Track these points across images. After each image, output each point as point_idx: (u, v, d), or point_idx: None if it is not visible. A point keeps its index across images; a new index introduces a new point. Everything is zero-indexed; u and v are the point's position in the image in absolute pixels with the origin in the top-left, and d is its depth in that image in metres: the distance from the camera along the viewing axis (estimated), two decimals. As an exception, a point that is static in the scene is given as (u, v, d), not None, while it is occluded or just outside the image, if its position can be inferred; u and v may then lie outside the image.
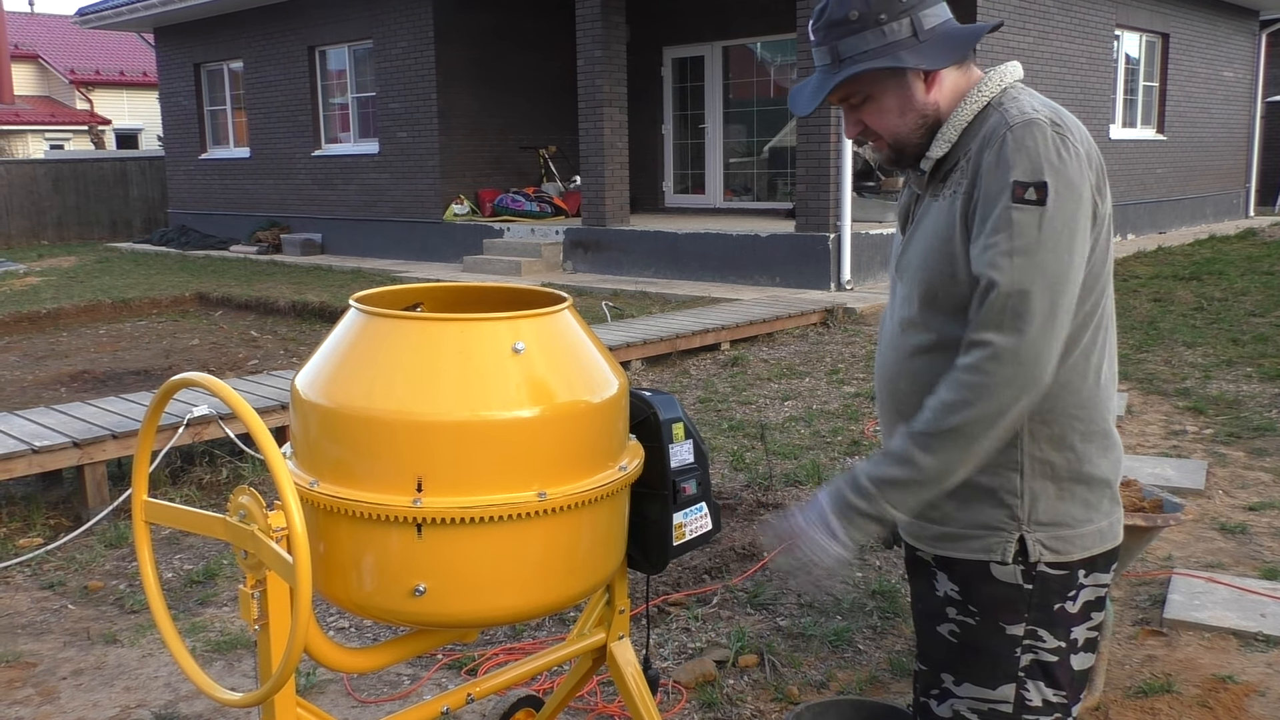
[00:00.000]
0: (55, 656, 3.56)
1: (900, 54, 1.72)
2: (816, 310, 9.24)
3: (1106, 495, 1.79)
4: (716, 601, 3.80)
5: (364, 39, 14.95)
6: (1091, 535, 1.77)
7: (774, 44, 14.19)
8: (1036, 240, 1.61)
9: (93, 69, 32.08)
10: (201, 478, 5.27)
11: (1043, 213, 1.61)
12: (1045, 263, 1.61)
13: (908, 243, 1.85)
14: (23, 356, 9.25)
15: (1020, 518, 1.74)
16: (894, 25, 1.71)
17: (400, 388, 1.81)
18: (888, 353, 1.88)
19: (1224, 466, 5.20)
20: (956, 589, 1.81)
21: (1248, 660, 3.29)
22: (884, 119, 1.79)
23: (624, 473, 1.99)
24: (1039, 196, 1.62)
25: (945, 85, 1.77)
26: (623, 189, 12.49)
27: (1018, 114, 1.68)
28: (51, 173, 20.10)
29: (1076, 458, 1.75)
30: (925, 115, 1.77)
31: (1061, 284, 1.62)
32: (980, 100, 1.75)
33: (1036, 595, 1.75)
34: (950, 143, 1.76)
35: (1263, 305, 9.51)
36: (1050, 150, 1.63)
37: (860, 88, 1.78)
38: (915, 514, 1.82)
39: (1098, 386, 1.76)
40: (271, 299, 11.36)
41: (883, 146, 1.83)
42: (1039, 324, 1.61)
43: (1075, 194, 1.64)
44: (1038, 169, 1.62)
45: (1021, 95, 1.74)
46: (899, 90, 1.76)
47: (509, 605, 1.89)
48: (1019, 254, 1.61)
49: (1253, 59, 18.32)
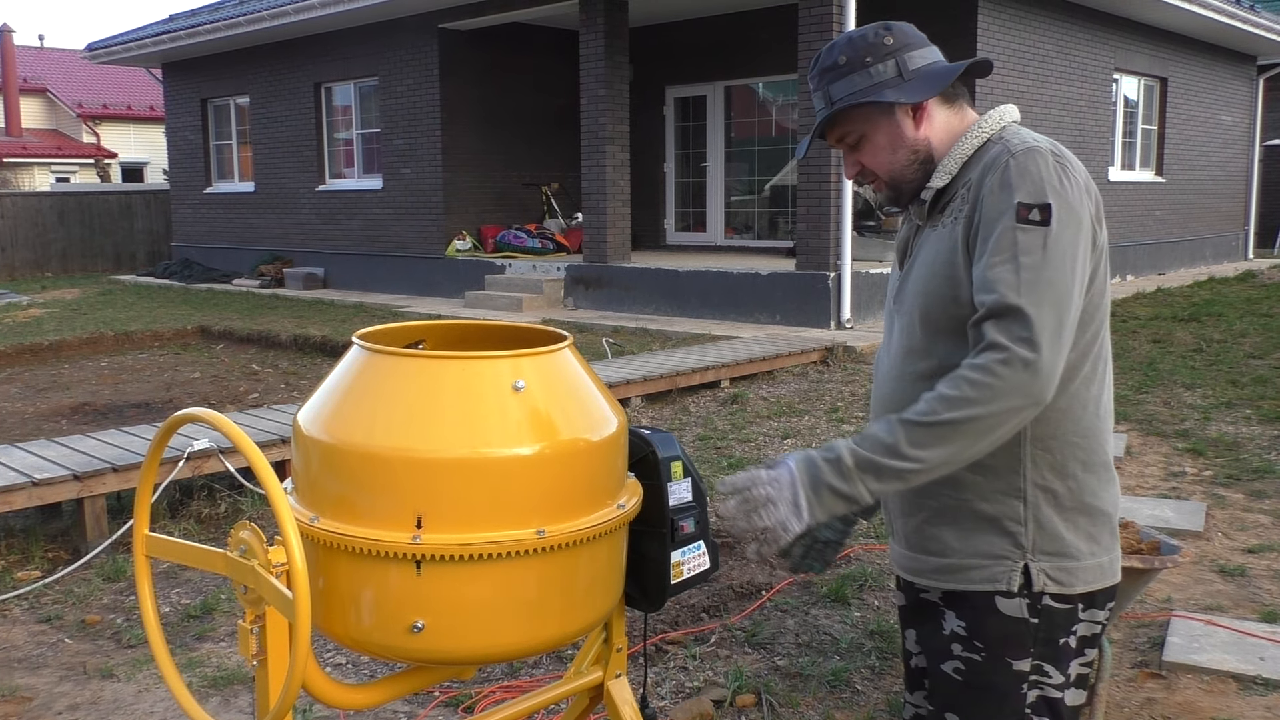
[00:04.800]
0: (51, 691, 3.55)
1: (884, 91, 1.80)
2: (816, 348, 9.27)
3: (1107, 529, 1.80)
4: (714, 640, 3.79)
5: (370, 76, 15.09)
6: (1094, 569, 1.78)
7: (776, 84, 14.32)
8: (1042, 259, 1.63)
9: (100, 103, 32.35)
10: (200, 511, 5.27)
11: (1047, 233, 1.65)
12: (1051, 280, 1.63)
13: (906, 274, 1.88)
14: (24, 388, 9.26)
15: (1024, 545, 1.75)
16: (879, 67, 1.81)
17: (401, 425, 1.83)
18: (888, 384, 1.89)
19: (1223, 508, 5.20)
20: (963, 625, 1.80)
21: (1247, 704, 3.27)
22: (878, 157, 1.86)
23: (622, 511, 2.00)
24: (1043, 217, 1.65)
25: (936, 122, 1.84)
26: (624, 226, 12.57)
27: (1019, 143, 1.73)
28: (57, 205, 20.22)
29: (1079, 486, 1.76)
30: (916, 150, 1.84)
31: (1066, 303, 1.64)
32: (980, 135, 1.81)
33: (1043, 629, 1.75)
34: (950, 174, 1.81)
35: (1262, 347, 9.53)
36: (1053, 175, 1.68)
37: (854, 127, 1.86)
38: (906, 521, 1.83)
39: (1097, 417, 1.78)
40: (273, 333, 11.39)
41: (881, 187, 1.89)
42: (1048, 340, 1.61)
43: (1076, 219, 1.67)
44: (1041, 191, 1.67)
45: (1021, 130, 1.80)
46: (889, 127, 1.84)
47: (507, 642, 1.90)
48: (1026, 271, 1.63)
49: (1251, 103, 18.48)
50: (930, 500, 1.82)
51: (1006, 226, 1.66)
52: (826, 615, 3.97)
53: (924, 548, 1.83)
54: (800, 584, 4.24)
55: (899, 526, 1.94)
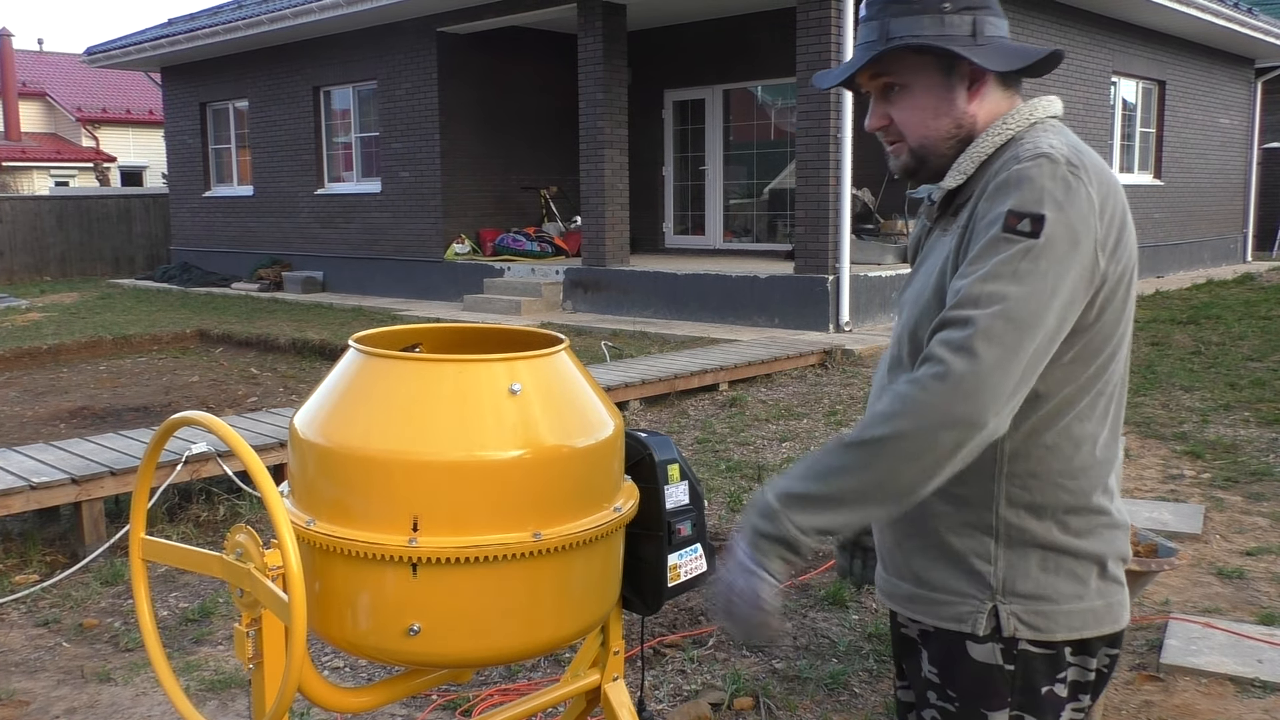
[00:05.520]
0: (49, 695, 3.54)
1: (954, 43, 1.57)
2: (815, 351, 9.27)
3: (1094, 571, 1.59)
4: (712, 643, 3.79)
5: (368, 80, 15.11)
6: (1080, 614, 1.58)
7: (774, 87, 14.34)
8: (1015, 271, 1.43)
9: (99, 107, 32.37)
10: (199, 515, 5.27)
11: (1031, 246, 1.44)
12: (1020, 297, 1.42)
13: (910, 278, 1.72)
14: (22, 392, 9.26)
15: (993, 586, 1.56)
16: (955, 19, 1.57)
17: (397, 428, 1.83)
18: (875, 396, 1.74)
19: (1221, 511, 5.20)
20: (935, 671, 1.63)
21: (1245, 706, 3.27)
22: (915, 116, 1.63)
23: (619, 514, 2.00)
24: (1033, 229, 1.44)
25: (987, 102, 1.62)
26: (623, 229, 12.58)
27: (1032, 148, 1.52)
28: (56, 209, 20.23)
29: (1061, 530, 1.57)
30: (960, 125, 1.61)
31: (1031, 326, 1.43)
32: (1004, 134, 1.59)
33: (1019, 677, 1.57)
34: (965, 175, 1.60)
35: (1260, 350, 9.53)
36: (1057, 186, 1.47)
37: (899, 73, 1.62)
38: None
39: (1093, 458, 1.58)
40: (272, 336, 11.39)
41: (902, 151, 1.66)
42: (994, 359, 1.41)
43: (1072, 239, 1.46)
44: (1038, 201, 1.46)
45: (1047, 132, 1.57)
46: (941, 88, 1.61)
47: (503, 645, 1.90)
48: (993, 280, 1.43)
49: (1249, 106, 18.51)
50: (902, 522, 1.65)
51: (992, 236, 1.46)
52: (824, 618, 3.97)
53: (897, 571, 1.69)
54: (798, 587, 4.25)
55: (878, 543, 1.77)
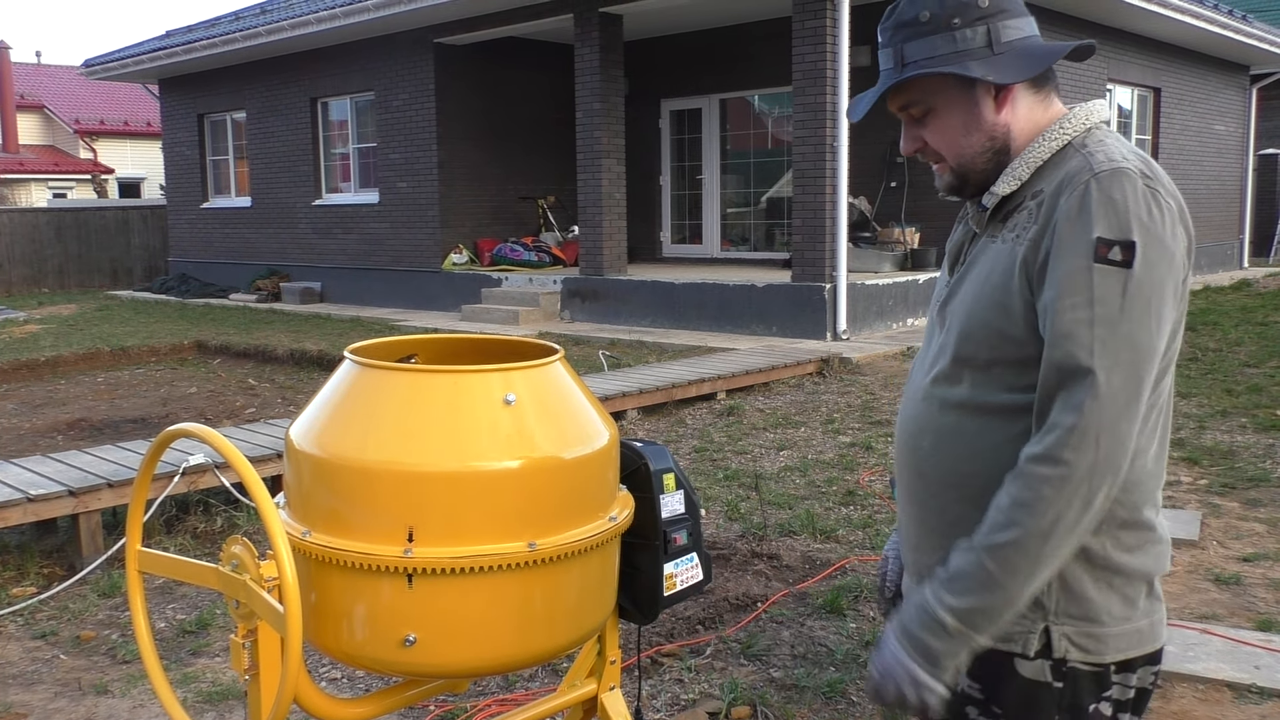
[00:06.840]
0: (46, 707, 3.54)
1: (969, 63, 1.54)
2: (812, 360, 9.28)
3: (1143, 591, 1.57)
4: (710, 652, 3.78)
5: (366, 91, 15.14)
6: (1129, 635, 1.55)
7: (771, 96, 14.37)
8: (1120, 310, 1.41)
9: (97, 119, 32.42)
10: (196, 526, 5.27)
11: (1128, 277, 1.41)
12: (1130, 336, 1.41)
13: (956, 285, 1.65)
14: (20, 404, 9.26)
15: (1046, 606, 1.53)
16: (967, 32, 1.54)
17: (392, 439, 1.83)
18: (912, 405, 1.69)
19: (1218, 517, 5.20)
20: (977, 686, 1.59)
21: (1242, 712, 3.27)
22: (947, 137, 1.61)
23: (614, 523, 2.01)
24: (1125, 258, 1.41)
25: (1019, 109, 1.59)
26: (620, 239, 12.59)
27: (1105, 160, 1.48)
28: (54, 221, 20.25)
29: (1114, 545, 1.55)
30: (993, 138, 1.59)
31: (1146, 362, 1.43)
32: (1060, 139, 1.56)
33: (1068, 695, 1.54)
34: (1020, 180, 1.57)
35: (1257, 356, 9.54)
36: (1141, 206, 1.44)
37: (923, 98, 1.61)
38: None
39: (1144, 471, 1.55)
40: (270, 347, 11.40)
41: (945, 170, 1.64)
42: (1121, 406, 1.41)
43: (1167, 257, 1.44)
44: (1125, 226, 1.42)
45: (1109, 139, 1.54)
46: (966, 105, 1.58)
47: (499, 655, 1.90)
48: (1100, 324, 1.41)
49: (1244, 112, 18.56)
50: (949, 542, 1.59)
51: (1081, 266, 1.42)
52: (822, 627, 3.97)
53: None
54: (795, 596, 4.25)
55: (912, 560, 1.71)
